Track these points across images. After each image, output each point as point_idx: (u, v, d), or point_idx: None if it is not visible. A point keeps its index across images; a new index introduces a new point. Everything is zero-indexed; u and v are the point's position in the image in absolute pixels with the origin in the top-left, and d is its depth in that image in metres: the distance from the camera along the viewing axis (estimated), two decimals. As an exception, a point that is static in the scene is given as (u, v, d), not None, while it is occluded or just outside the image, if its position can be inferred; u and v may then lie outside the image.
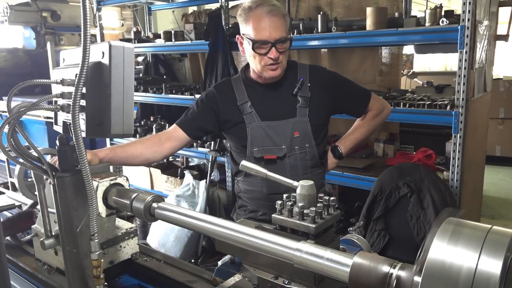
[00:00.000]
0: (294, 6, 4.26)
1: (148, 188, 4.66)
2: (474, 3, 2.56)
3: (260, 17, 1.80)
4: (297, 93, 1.94)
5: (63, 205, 1.13)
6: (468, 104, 2.70)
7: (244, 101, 1.94)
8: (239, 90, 1.96)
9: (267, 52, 1.81)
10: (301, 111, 1.94)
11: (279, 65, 1.86)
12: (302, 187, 1.08)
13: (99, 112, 1.05)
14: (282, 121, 1.92)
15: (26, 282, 1.55)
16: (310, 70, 2.02)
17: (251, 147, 1.93)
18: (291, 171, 1.93)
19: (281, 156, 1.92)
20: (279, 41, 1.81)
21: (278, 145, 1.91)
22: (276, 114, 1.93)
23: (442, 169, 3.04)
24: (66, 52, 1.29)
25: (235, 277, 1.26)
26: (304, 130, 1.94)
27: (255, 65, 1.88)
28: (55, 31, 6.03)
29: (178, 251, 3.66)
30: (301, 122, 1.94)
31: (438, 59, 10.19)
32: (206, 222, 1.03)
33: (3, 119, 5.55)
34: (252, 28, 1.81)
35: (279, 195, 1.92)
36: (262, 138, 1.93)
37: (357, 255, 0.83)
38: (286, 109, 1.94)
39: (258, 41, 1.80)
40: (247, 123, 1.93)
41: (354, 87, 2.16)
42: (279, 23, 1.82)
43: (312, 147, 1.96)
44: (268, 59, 1.82)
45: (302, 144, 1.94)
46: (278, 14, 1.82)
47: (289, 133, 1.92)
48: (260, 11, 1.80)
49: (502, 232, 0.69)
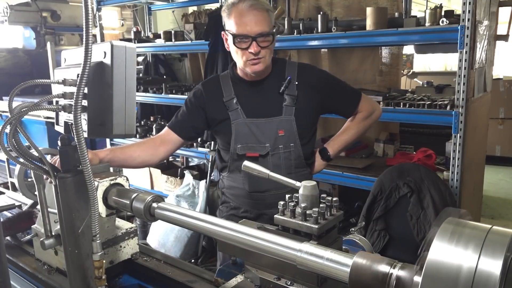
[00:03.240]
0: (294, 6, 4.26)
1: (148, 188, 4.66)
2: (474, 3, 2.56)
3: (242, 11, 1.79)
4: (284, 91, 1.92)
5: (65, 205, 1.14)
6: (468, 104, 2.70)
7: (230, 98, 1.93)
8: (226, 86, 1.96)
9: (248, 46, 1.80)
10: (287, 109, 1.92)
11: (261, 60, 1.84)
12: (305, 187, 1.08)
13: (101, 112, 1.05)
14: (267, 119, 1.91)
15: (26, 282, 1.55)
16: (299, 68, 1.99)
17: (235, 144, 1.92)
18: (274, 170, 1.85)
19: (264, 155, 1.90)
20: (260, 36, 1.79)
21: (261, 143, 1.90)
22: (261, 112, 1.92)
23: (442, 169, 3.04)
24: (67, 52, 1.29)
25: (237, 278, 1.25)
26: (289, 129, 1.92)
27: (238, 60, 1.87)
28: (55, 31, 6.03)
29: (178, 251, 3.67)
30: (287, 121, 1.91)
31: (438, 59, 10.19)
32: (206, 222, 1.03)
33: (3, 119, 5.56)
34: (234, 22, 1.80)
35: (260, 193, 1.94)
36: (246, 135, 1.92)
37: (357, 255, 0.83)
38: (272, 107, 1.93)
39: (239, 35, 1.79)
40: (232, 120, 1.92)
41: (344, 87, 2.13)
42: (261, 17, 1.81)
43: (297, 147, 1.94)
44: (249, 54, 1.81)
45: (286, 144, 1.92)
46: (260, 8, 1.81)
47: (274, 131, 1.90)
48: (242, 5, 1.79)
49: (502, 232, 0.69)
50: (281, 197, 1.92)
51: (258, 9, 1.80)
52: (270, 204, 1.93)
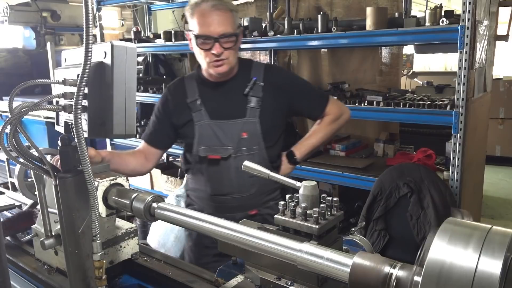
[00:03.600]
0: (294, 6, 4.26)
1: (148, 188, 4.67)
2: (474, 3, 2.56)
3: (205, 11, 1.76)
4: (249, 92, 1.89)
5: (65, 206, 1.14)
6: (468, 104, 2.70)
7: (194, 99, 1.90)
8: (191, 88, 1.93)
9: (210, 47, 1.77)
10: (252, 111, 1.88)
11: (225, 61, 1.81)
12: (305, 187, 1.07)
13: (101, 113, 1.05)
14: (230, 121, 1.87)
15: (26, 282, 1.55)
16: (265, 69, 1.96)
17: (198, 146, 1.90)
18: (236, 172, 1.87)
19: (226, 157, 1.87)
20: (223, 37, 1.76)
21: (224, 145, 1.87)
22: (225, 113, 1.88)
23: (442, 169, 3.04)
24: (67, 52, 1.29)
25: (238, 278, 1.25)
26: (253, 132, 1.88)
27: (201, 61, 1.85)
28: (55, 31, 6.03)
29: (178, 251, 3.66)
30: (251, 123, 1.88)
31: (438, 59, 10.20)
32: (206, 222, 1.03)
33: (3, 119, 5.56)
34: (197, 23, 1.77)
35: (222, 196, 1.93)
36: (209, 137, 1.89)
37: (357, 255, 0.83)
38: (236, 109, 1.89)
39: (201, 36, 1.77)
40: (195, 121, 1.89)
41: (311, 89, 2.11)
42: (224, 18, 1.77)
43: (261, 150, 1.90)
44: (212, 55, 1.78)
45: (250, 146, 1.88)
46: (223, 9, 1.77)
47: (237, 133, 1.87)
48: (205, 5, 1.76)
49: (502, 232, 0.69)
50: (243, 201, 1.95)
51: (221, 9, 1.77)
52: (232, 207, 1.92)
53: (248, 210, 1.95)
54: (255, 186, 1.94)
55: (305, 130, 4.31)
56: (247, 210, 1.95)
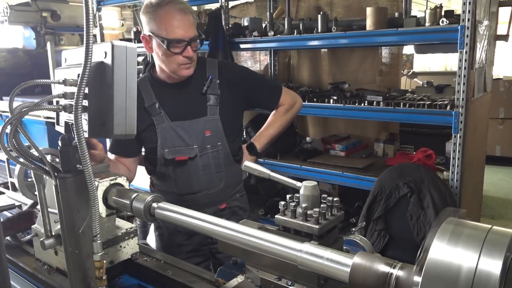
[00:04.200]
0: (294, 6, 4.26)
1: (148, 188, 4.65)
2: (474, 3, 2.56)
3: (173, 15, 1.76)
4: (207, 91, 1.92)
5: (65, 206, 1.13)
6: (468, 104, 2.70)
7: (152, 102, 1.90)
8: (146, 91, 1.92)
9: (182, 51, 1.79)
10: (212, 109, 1.92)
11: (192, 63, 1.85)
12: (306, 187, 1.08)
13: (102, 113, 1.05)
14: (192, 121, 1.90)
15: (26, 282, 1.55)
16: (219, 66, 1.99)
17: (162, 149, 1.91)
18: (204, 170, 1.92)
19: (193, 157, 1.90)
20: (193, 40, 1.80)
21: (189, 145, 1.89)
22: (186, 114, 1.90)
23: (442, 169, 3.05)
24: (68, 52, 1.29)
25: (238, 278, 1.25)
26: (215, 129, 1.92)
27: (167, 65, 1.85)
28: (55, 31, 6.03)
29: (178, 251, 3.66)
30: (212, 120, 1.92)
31: (438, 59, 10.20)
32: (206, 222, 1.03)
33: (3, 119, 5.56)
34: (164, 26, 1.76)
35: (192, 195, 1.95)
36: (172, 139, 1.90)
37: (357, 255, 0.83)
38: (196, 108, 1.92)
39: (173, 39, 1.76)
40: (156, 125, 1.90)
41: (264, 81, 2.20)
42: (191, 22, 1.81)
43: (224, 145, 1.95)
44: (183, 58, 1.80)
45: (214, 143, 1.93)
46: (189, 13, 1.80)
47: (200, 132, 1.90)
48: (171, 8, 1.76)
49: (502, 232, 0.69)
50: (213, 196, 1.98)
51: (187, 13, 1.80)
52: (203, 204, 1.96)
53: (218, 204, 2.01)
54: (222, 181, 1.99)
55: (305, 130, 4.31)
56: (217, 205, 2.01)
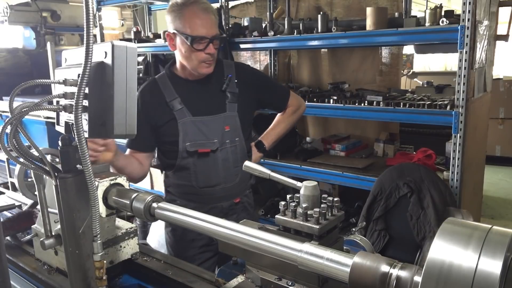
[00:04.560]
0: (294, 6, 4.26)
1: (148, 188, 4.66)
2: (474, 3, 2.56)
3: (197, 14, 1.87)
4: (226, 89, 2.01)
5: (66, 206, 1.13)
6: (468, 104, 2.70)
7: (174, 98, 1.97)
8: (166, 87, 2.00)
9: (204, 48, 1.88)
10: (231, 106, 2.02)
11: (213, 61, 1.95)
12: (306, 188, 1.08)
13: (102, 113, 1.05)
14: (213, 116, 1.99)
15: (26, 282, 1.55)
16: (236, 67, 2.10)
17: (183, 143, 1.97)
18: (223, 164, 2.01)
19: (214, 150, 1.98)
20: (215, 38, 1.90)
21: (210, 139, 1.97)
22: (207, 110, 1.99)
23: (442, 169, 3.05)
24: (68, 52, 1.29)
25: (238, 278, 1.25)
26: (234, 125, 2.02)
27: (190, 61, 1.93)
28: (55, 31, 6.02)
29: (178, 251, 3.66)
30: (231, 116, 2.02)
31: (438, 59, 10.20)
32: (207, 222, 1.03)
33: (3, 119, 5.56)
34: (189, 25, 1.86)
35: (211, 188, 2.03)
36: (194, 133, 1.97)
37: (357, 255, 0.83)
38: (216, 105, 2.01)
39: (197, 37, 1.86)
40: (178, 119, 1.96)
41: (275, 84, 2.34)
42: (214, 21, 1.92)
43: (241, 141, 2.05)
44: (205, 55, 1.89)
45: (232, 138, 2.02)
46: (211, 12, 1.92)
47: (221, 127, 1.99)
48: (196, 8, 1.87)
49: (502, 232, 0.69)
50: (229, 190, 2.06)
51: (210, 12, 1.91)
52: (220, 197, 2.06)
53: (233, 198, 2.10)
54: (238, 176, 2.07)
55: (305, 130, 4.32)
56: (232, 199, 2.10)
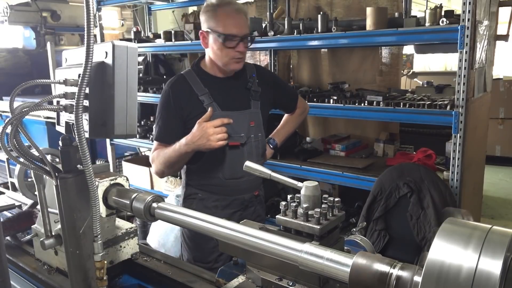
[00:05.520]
0: (294, 6, 4.26)
1: (148, 188, 4.67)
2: (474, 3, 2.56)
3: (229, 14, 1.99)
4: (251, 87, 2.15)
5: (66, 206, 1.14)
6: (468, 104, 2.70)
7: (204, 93, 2.06)
8: (196, 83, 2.09)
9: (235, 46, 1.99)
10: (254, 103, 2.15)
11: (242, 59, 2.06)
12: (307, 188, 1.08)
13: (103, 113, 1.05)
14: (240, 112, 2.10)
15: (26, 282, 1.55)
16: (256, 68, 2.25)
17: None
18: (248, 157, 2.09)
19: (243, 143, 2.10)
20: (245, 37, 2.01)
21: (237, 133, 2.07)
22: (234, 105, 2.10)
23: (442, 169, 3.04)
24: (68, 52, 1.29)
25: (239, 278, 1.25)
26: (257, 121, 2.15)
27: (221, 58, 2.03)
28: (55, 31, 6.03)
29: (178, 251, 3.66)
30: (255, 113, 2.15)
31: (438, 59, 10.19)
32: (207, 222, 1.03)
33: (4, 119, 5.56)
34: (222, 24, 1.98)
35: (236, 180, 2.12)
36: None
37: (357, 255, 0.83)
38: (242, 101, 2.14)
39: (229, 35, 1.97)
40: None
41: (288, 86, 2.54)
42: (245, 21, 2.05)
43: (263, 137, 2.19)
44: (235, 52, 2.00)
45: (256, 133, 2.14)
46: (243, 13, 2.04)
47: (247, 122, 2.11)
48: (229, 9, 2.00)
49: (502, 232, 0.69)
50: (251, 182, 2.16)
51: (241, 13, 2.03)
52: (243, 189, 2.18)
53: (254, 191, 2.23)
54: None
55: (305, 130, 4.32)
56: (253, 191, 2.22)
